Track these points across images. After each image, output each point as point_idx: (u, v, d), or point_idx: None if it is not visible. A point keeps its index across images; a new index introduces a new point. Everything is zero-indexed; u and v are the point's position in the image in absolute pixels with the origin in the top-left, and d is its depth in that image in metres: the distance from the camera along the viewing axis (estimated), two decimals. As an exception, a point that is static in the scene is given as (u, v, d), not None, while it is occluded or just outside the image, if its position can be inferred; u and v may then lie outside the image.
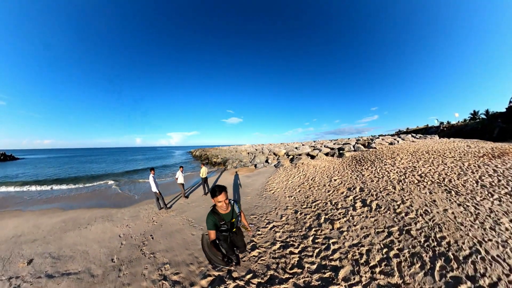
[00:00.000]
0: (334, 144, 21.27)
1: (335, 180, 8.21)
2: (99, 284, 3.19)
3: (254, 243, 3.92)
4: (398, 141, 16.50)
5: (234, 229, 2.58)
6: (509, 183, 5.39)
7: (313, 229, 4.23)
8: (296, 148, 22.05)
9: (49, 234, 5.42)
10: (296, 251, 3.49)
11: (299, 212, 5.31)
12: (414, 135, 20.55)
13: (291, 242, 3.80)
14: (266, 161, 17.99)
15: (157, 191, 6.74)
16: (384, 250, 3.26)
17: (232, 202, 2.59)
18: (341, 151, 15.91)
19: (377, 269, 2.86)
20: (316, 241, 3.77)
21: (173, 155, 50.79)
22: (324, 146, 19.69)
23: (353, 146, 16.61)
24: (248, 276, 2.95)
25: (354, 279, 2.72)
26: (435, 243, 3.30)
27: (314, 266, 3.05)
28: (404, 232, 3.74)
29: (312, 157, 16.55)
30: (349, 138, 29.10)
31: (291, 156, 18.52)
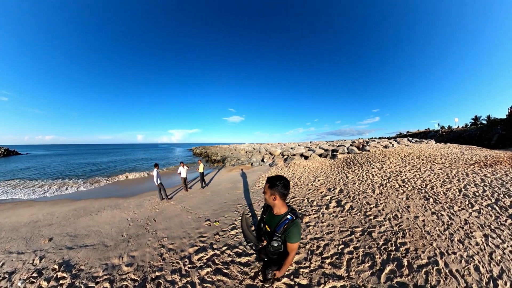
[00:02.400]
0: (329, 145, 21.06)
1: (318, 180, 8.09)
2: (112, 251, 3.87)
3: (234, 224, 4.65)
4: (393, 145, 16.23)
5: (264, 242, 1.90)
6: (494, 194, 5.16)
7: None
8: (291, 148, 21.91)
9: (64, 220, 5.86)
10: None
11: (278, 205, 5.62)
12: (411, 139, 20.23)
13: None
14: (262, 160, 17.94)
15: (159, 183, 7.44)
16: (341, 246, 3.37)
17: (289, 218, 1.70)
18: (334, 153, 15.72)
19: (328, 260, 3.05)
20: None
21: (174, 153, 50.64)
22: (319, 147, 19.50)
23: (347, 148, 16.39)
24: (224, 248, 3.61)
25: (304, 264, 2.99)
26: (393, 247, 3.21)
27: (276, 249, 3.34)
28: (366, 233, 3.69)
29: (306, 157, 16.41)
30: (345, 140, 28.86)
31: (285, 156, 18.42)
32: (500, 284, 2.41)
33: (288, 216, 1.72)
